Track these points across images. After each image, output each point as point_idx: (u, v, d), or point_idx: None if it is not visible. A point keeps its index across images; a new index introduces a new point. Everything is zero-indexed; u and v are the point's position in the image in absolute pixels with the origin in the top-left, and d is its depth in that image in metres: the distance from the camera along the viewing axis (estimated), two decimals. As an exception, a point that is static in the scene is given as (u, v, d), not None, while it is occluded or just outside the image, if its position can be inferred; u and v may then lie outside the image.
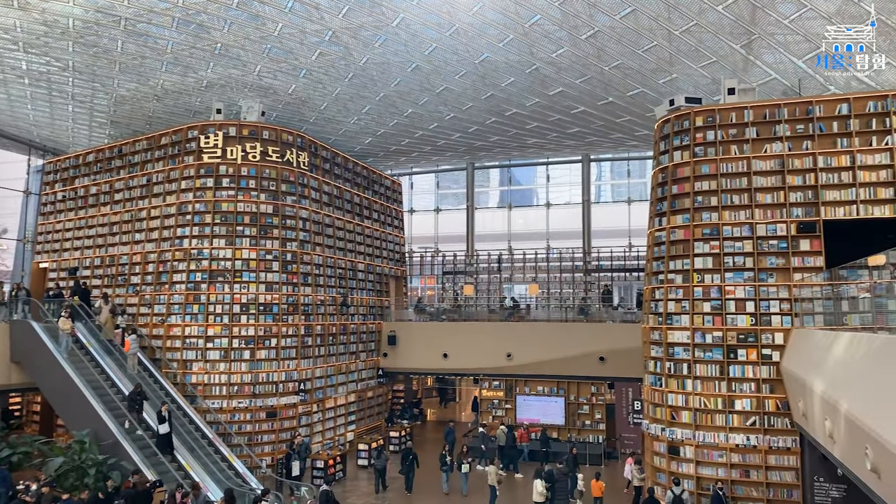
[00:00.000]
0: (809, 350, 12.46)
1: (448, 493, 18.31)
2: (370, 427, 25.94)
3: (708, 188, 15.94)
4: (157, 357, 20.73)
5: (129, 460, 16.28)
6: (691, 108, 16.39)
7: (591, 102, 20.29)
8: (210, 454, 17.57)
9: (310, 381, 22.29)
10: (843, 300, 12.88)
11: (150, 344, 21.01)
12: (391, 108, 22.37)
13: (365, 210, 27.41)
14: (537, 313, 28.30)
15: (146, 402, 17.65)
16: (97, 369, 18.88)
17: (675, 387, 15.76)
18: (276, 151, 22.08)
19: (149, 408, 17.74)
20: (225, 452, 18.07)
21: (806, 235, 15.02)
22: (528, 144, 26.63)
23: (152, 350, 20.94)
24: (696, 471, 15.20)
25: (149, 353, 20.75)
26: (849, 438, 8.99)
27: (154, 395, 18.60)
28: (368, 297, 26.95)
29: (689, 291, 15.80)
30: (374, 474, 19.42)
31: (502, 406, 25.75)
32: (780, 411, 14.59)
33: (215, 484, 16.61)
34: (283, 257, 21.86)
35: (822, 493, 13.55)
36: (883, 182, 14.65)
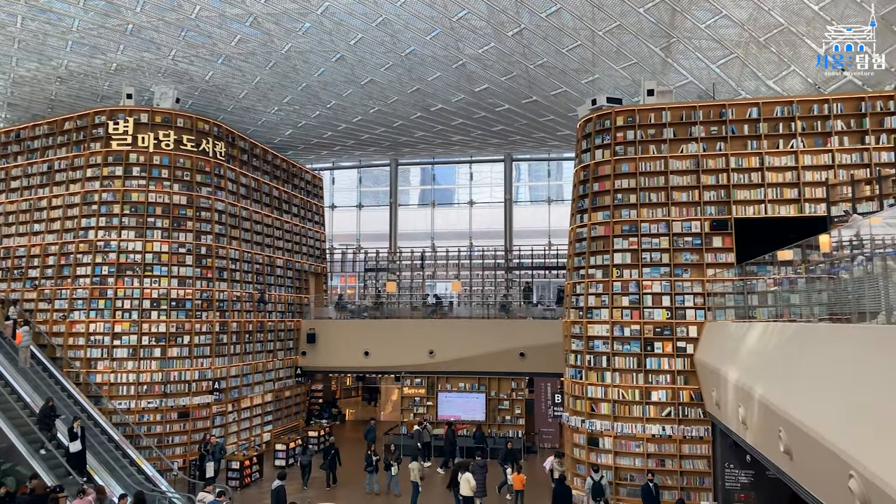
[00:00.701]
0: (723, 341, 12.98)
1: (371, 493, 17.88)
2: (288, 427, 25.24)
3: (627, 186, 16.38)
4: (58, 356, 19.40)
5: (25, 465, 15.13)
6: (612, 108, 16.80)
7: (516, 100, 20.50)
8: (118, 458, 16.60)
9: (225, 380, 21.44)
10: (752, 294, 13.51)
11: (50, 342, 19.64)
12: (314, 99, 21.86)
13: (284, 204, 26.66)
14: (460, 310, 28.37)
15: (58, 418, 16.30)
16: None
17: (595, 379, 16.10)
18: (191, 140, 21.10)
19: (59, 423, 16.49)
20: (133, 455, 17.10)
21: (718, 233, 15.68)
22: (453, 141, 26.66)
23: (52, 348, 19.58)
24: (615, 461, 15.57)
25: (48, 351, 19.40)
26: (762, 423, 9.36)
27: (65, 408, 17.32)
28: (287, 293, 26.24)
29: (608, 286, 16.18)
30: (300, 470, 19.00)
31: (424, 403, 25.63)
32: (694, 402, 15.14)
33: (123, 489, 15.67)
34: (198, 251, 20.93)
35: (731, 478, 14.16)
36: (788, 183, 15.47)
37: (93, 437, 16.95)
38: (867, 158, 15.08)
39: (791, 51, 15.43)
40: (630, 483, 15.41)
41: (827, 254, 9.52)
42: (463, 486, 15.60)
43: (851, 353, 6.84)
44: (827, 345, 7.56)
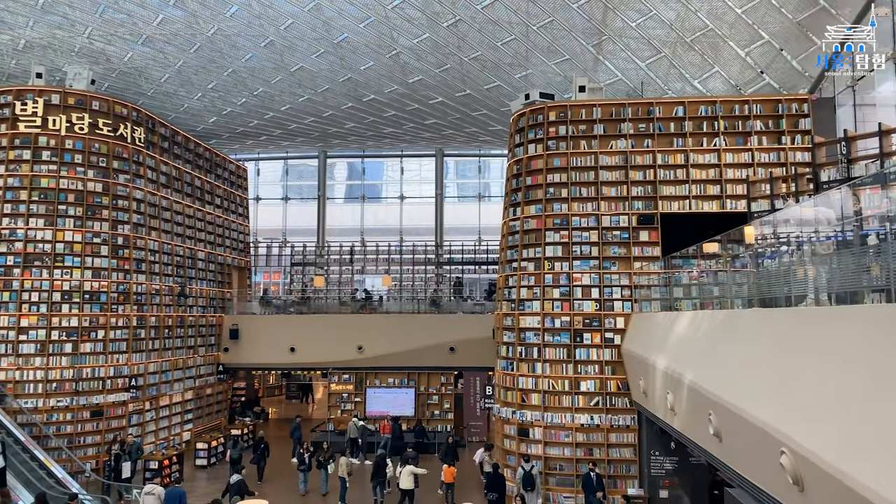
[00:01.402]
0: (650, 331, 13.33)
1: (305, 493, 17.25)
2: (209, 426, 24.29)
3: (559, 180, 16.61)
4: (-45, 353, 17.98)
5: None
6: (545, 104, 16.99)
7: (449, 93, 20.46)
8: (25, 460, 15.54)
9: (142, 376, 20.41)
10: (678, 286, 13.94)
11: (-54, 337, 18.18)
12: (240, 85, 21.13)
13: (207, 195, 25.65)
14: (390, 305, 28.11)
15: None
16: None
17: (526, 370, 16.25)
18: (107, 125, 19.96)
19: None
20: (41, 457, 16.04)
21: (645, 227, 16.12)
22: (384, 134, 26.37)
23: (-52, 344, 18.13)
24: (544, 451, 15.75)
25: (-57, 347, 17.96)
26: (691, 408, 9.63)
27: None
28: (209, 288, 25.27)
29: (540, 278, 16.36)
30: (229, 465, 18.35)
31: (352, 399, 25.25)
32: (621, 391, 15.51)
33: (29, 492, 14.66)
34: (114, 241, 19.84)
35: (657, 465, 14.57)
36: (711, 180, 16.07)
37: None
38: (784, 158, 15.84)
39: (714, 52, 16.03)
40: (559, 472, 15.64)
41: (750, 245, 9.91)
42: (403, 480, 15.43)
43: (780, 335, 7.09)
44: (756, 329, 7.82)
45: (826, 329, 6.33)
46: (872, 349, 5.41)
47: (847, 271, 6.69)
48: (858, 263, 6.58)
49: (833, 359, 5.92)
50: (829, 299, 6.76)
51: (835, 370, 5.82)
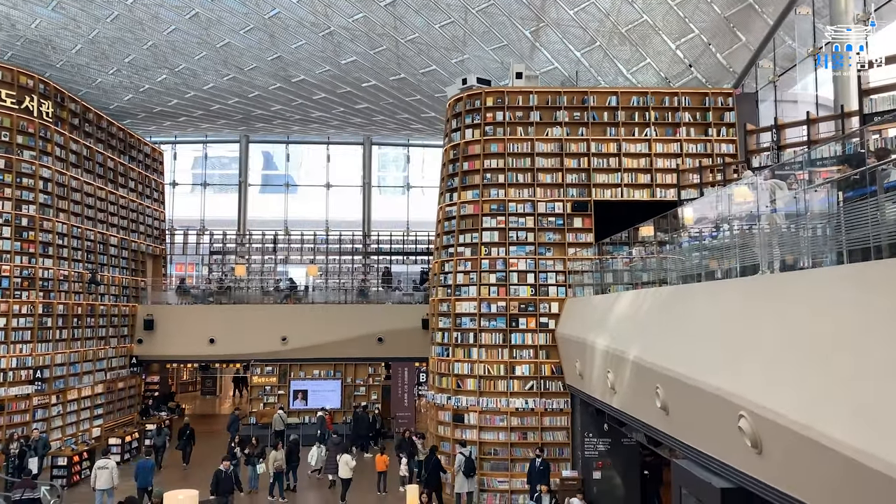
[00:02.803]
0: (588, 313, 13.49)
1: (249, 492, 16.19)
2: (121, 421, 22.90)
3: (496, 166, 16.59)
4: None
5: None
6: (482, 89, 16.92)
7: (384, 76, 20.09)
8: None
9: (48, 368, 18.98)
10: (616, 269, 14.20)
11: None
12: (160, 60, 19.98)
13: (120, 177, 24.16)
14: (315, 295, 27.41)
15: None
16: None
17: (462, 356, 16.14)
18: (11, 96, 18.42)
19: None
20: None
21: (579, 214, 16.33)
22: (312, 118, 25.64)
23: None
24: (479, 436, 15.69)
25: None
26: (635, 384, 9.76)
27: None
28: (122, 276, 23.83)
29: (477, 264, 16.29)
30: (153, 452, 17.78)
31: (275, 392, 24.45)
32: (555, 375, 15.65)
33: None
34: (17, 222, 18.34)
35: (590, 447, 14.78)
36: (642, 169, 16.47)
37: None
38: (710, 149, 16.42)
39: (646, 45, 16.42)
40: (494, 457, 15.61)
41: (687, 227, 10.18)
42: (342, 469, 15.04)
43: (731, 305, 7.24)
44: (705, 302, 7.98)
45: (777, 295, 6.50)
46: (822, 309, 5.61)
47: (796, 240, 6.92)
48: (802, 234, 6.82)
49: (786, 321, 6.08)
50: (781, 267, 6.95)
51: (788, 331, 5.98)
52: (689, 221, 10.46)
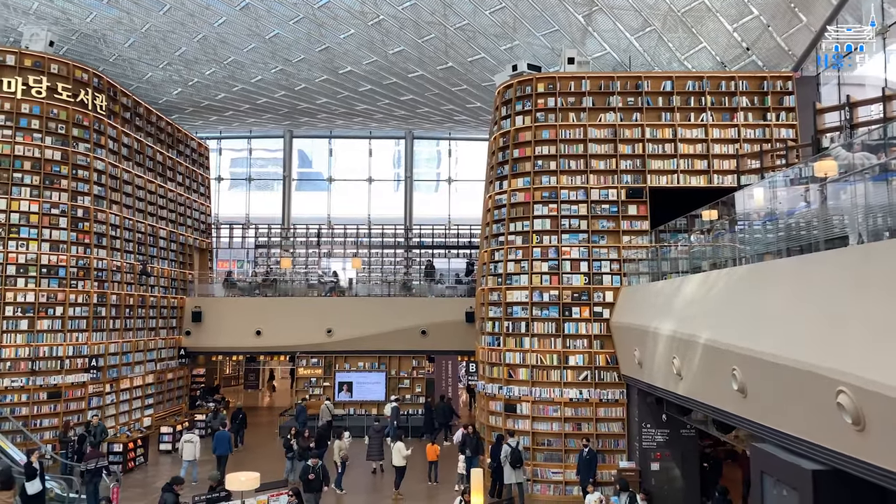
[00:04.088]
0: (648, 300, 13.17)
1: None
2: (169, 412, 23.23)
3: (548, 153, 16.35)
4: None
5: None
6: (533, 75, 16.71)
7: (431, 66, 19.97)
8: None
9: (103, 357, 19.32)
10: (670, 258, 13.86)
11: None
12: (210, 52, 20.17)
13: (168, 171, 24.52)
14: (359, 288, 27.48)
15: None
16: None
17: (513, 345, 15.93)
18: (67, 90, 18.79)
19: None
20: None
21: (634, 201, 15.99)
22: (356, 111, 25.67)
23: None
24: (532, 426, 15.47)
25: None
26: (707, 368, 9.46)
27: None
28: (171, 268, 24.17)
29: (528, 252, 16.07)
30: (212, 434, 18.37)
31: (321, 384, 24.55)
32: (609, 366, 15.34)
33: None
34: (73, 213, 18.69)
35: (648, 438, 14.44)
36: (698, 154, 16.06)
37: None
38: (769, 134, 15.95)
39: (702, 27, 16.01)
40: (547, 448, 15.37)
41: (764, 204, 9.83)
42: (395, 457, 15.01)
43: (824, 278, 6.92)
44: (791, 277, 7.66)
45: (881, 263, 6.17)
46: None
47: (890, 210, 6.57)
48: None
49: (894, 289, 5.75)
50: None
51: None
52: (760, 202, 10.13)
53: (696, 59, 17.23)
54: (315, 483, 13.21)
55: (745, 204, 10.30)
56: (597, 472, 14.34)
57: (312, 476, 13.21)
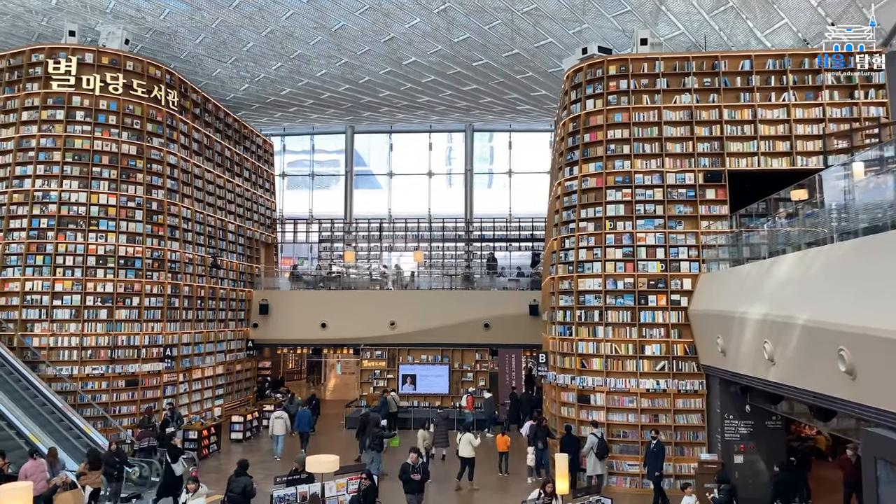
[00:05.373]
0: (734, 285, 12.63)
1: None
2: (238, 403, 23.64)
3: (620, 136, 15.92)
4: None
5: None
6: (604, 58, 16.29)
7: (496, 54, 19.74)
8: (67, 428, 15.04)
9: (176, 347, 19.77)
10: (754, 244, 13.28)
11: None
12: (277, 47, 20.42)
13: (236, 166, 24.99)
14: (420, 281, 27.46)
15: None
16: None
17: (586, 335, 15.56)
18: (141, 86, 19.31)
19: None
20: (81, 424, 15.41)
21: (712, 185, 15.41)
22: (418, 104, 25.64)
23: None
24: (607, 417, 15.08)
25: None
26: (807, 350, 8.97)
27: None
28: (239, 262, 24.62)
29: (601, 239, 15.67)
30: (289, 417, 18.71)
31: (384, 376, 24.60)
32: (688, 355, 14.82)
33: (70, 457, 14.04)
34: (148, 206, 19.19)
35: (731, 429, 13.88)
36: (780, 136, 15.37)
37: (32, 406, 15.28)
38: (857, 113, 15.13)
39: (782, 2, 15.33)
40: (623, 440, 14.96)
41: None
42: (462, 447, 14.84)
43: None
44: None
45: None
46: None
47: None
48: None
49: None
50: None
51: None
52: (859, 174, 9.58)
53: (776, 37, 16.51)
54: (418, 483, 11.95)
55: (846, 180, 9.74)
56: (664, 465, 13.83)
57: (417, 476, 11.87)
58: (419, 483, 11.88)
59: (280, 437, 17.84)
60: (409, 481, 11.83)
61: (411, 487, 11.86)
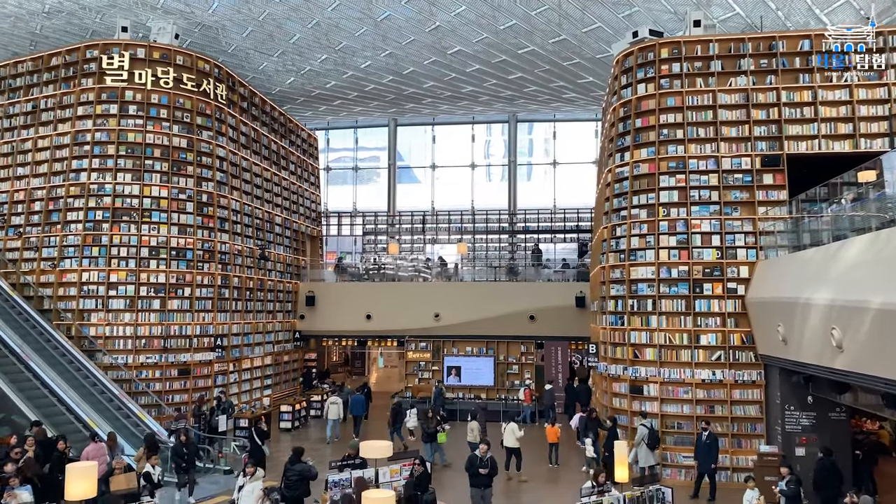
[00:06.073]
0: (797, 271, 12.19)
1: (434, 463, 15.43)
2: (286, 393, 23.89)
3: (673, 121, 15.52)
4: (47, 308, 17.83)
5: (19, 414, 13.72)
6: (655, 41, 15.91)
7: (542, 41, 19.47)
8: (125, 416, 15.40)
9: (226, 337, 20.05)
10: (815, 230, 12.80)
11: (38, 293, 18.06)
12: (322, 39, 20.50)
13: (282, 160, 25.23)
14: (464, 273, 27.37)
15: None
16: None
17: (639, 324, 15.24)
18: (191, 80, 19.60)
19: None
20: (136, 411, 15.73)
21: (770, 169, 14.92)
22: (462, 94, 25.50)
23: (40, 300, 18.00)
24: (661, 408, 14.74)
25: (35, 303, 17.83)
26: (879, 336, 8.59)
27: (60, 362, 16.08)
28: (285, 254, 24.86)
29: (654, 226, 15.31)
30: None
31: (429, 368, 24.59)
32: (745, 345, 14.39)
33: (126, 443, 14.36)
34: (199, 198, 19.47)
35: (792, 420, 13.43)
36: (842, 118, 14.79)
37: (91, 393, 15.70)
38: (925, 91, 14.47)
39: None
40: (677, 431, 14.62)
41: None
42: (507, 437, 14.70)
43: None
44: None
45: None
46: None
47: None
48: None
49: None
50: None
51: None
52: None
53: (836, 15, 15.89)
54: (485, 477, 11.38)
55: None
56: (718, 458, 13.42)
57: (485, 470, 11.31)
58: (486, 477, 11.34)
59: (335, 421, 18.61)
60: (475, 475, 11.36)
61: (477, 481, 11.34)
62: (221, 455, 15.37)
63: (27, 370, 15.26)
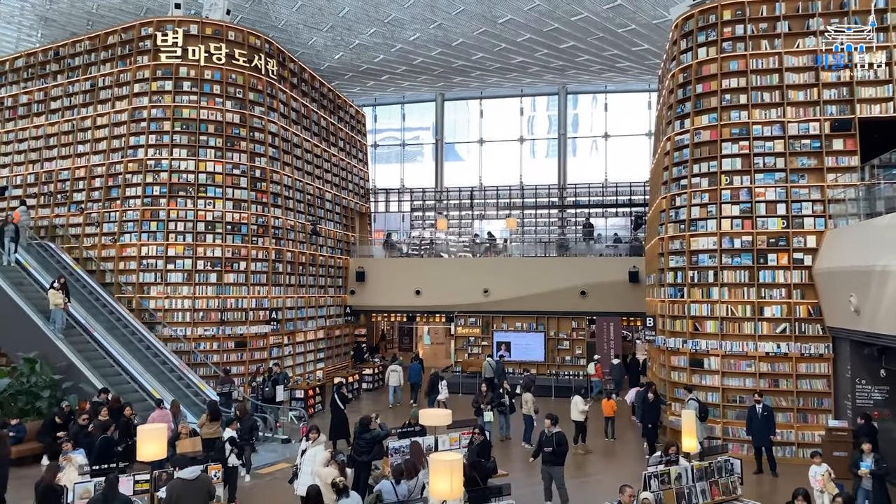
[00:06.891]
0: (871, 238, 11.64)
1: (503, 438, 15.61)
2: (337, 367, 24.17)
3: (736, 86, 14.93)
4: (109, 281, 18.31)
5: (87, 383, 14.16)
6: (718, 2, 15.28)
7: (597, 6, 18.93)
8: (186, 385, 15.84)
9: (281, 310, 20.33)
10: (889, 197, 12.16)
11: (100, 267, 18.56)
12: (371, 11, 20.34)
13: (331, 136, 25.30)
14: (513, 248, 27.14)
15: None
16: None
17: (700, 296, 14.83)
18: (243, 55, 19.72)
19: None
20: (196, 381, 16.11)
21: (840, 134, 14.24)
22: (511, 66, 25.06)
23: (102, 274, 18.50)
24: (722, 382, 14.37)
25: (98, 277, 18.34)
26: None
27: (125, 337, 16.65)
28: (336, 230, 25.01)
29: (716, 195, 14.82)
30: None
31: (479, 343, 24.55)
32: (812, 317, 13.87)
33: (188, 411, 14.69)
34: (252, 173, 19.66)
35: (864, 395, 12.93)
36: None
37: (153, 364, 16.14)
38: None
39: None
40: (739, 405, 14.22)
41: None
42: (573, 411, 14.57)
43: None
44: None
45: None
46: None
47: None
48: None
49: None
50: None
51: None
52: None
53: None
54: (552, 455, 10.53)
55: None
56: (775, 431, 12.99)
57: (549, 448, 10.53)
58: (552, 454, 10.46)
59: (395, 387, 19.82)
60: (542, 453, 10.69)
61: (545, 458, 10.59)
62: (279, 424, 15.63)
63: (93, 341, 15.74)
